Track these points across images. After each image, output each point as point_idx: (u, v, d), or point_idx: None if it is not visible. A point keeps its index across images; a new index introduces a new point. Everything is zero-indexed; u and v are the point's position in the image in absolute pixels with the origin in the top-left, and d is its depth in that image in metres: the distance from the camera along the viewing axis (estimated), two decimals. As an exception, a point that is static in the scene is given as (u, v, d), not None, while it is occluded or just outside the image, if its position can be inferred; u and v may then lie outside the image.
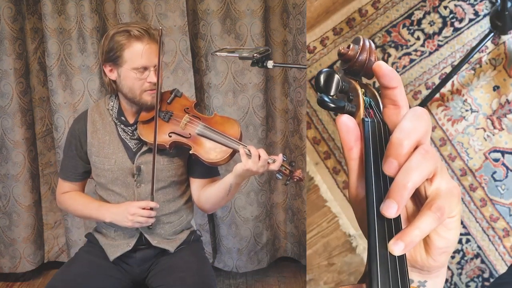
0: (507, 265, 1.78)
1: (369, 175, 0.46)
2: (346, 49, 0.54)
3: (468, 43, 1.77)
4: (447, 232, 0.45)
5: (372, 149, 0.47)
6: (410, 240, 0.41)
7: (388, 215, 0.41)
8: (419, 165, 0.42)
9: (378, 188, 0.45)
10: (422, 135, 0.43)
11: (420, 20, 1.78)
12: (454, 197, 0.44)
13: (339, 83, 0.52)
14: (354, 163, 0.49)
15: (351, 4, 1.80)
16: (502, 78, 1.75)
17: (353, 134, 0.48)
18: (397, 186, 0.41)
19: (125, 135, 1.59)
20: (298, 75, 2.40)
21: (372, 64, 0.52)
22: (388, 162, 0.42)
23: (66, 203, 1.67)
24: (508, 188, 1.77)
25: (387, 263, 0.43)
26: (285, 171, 1.47)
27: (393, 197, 0.41)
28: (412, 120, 0.43)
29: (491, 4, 1.75)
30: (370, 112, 0.51)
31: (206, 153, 1.51)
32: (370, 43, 0.54)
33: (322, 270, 1.88)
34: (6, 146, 2.40)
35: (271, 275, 2.64)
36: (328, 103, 0.50)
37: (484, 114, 1.76)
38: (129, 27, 1.49)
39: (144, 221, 1.52)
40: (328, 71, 0.52)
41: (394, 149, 0.42)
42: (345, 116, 0.49)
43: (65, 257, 2.62)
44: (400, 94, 0.48)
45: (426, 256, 0.48)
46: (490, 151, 1.77)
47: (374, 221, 0.44)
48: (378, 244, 0.44)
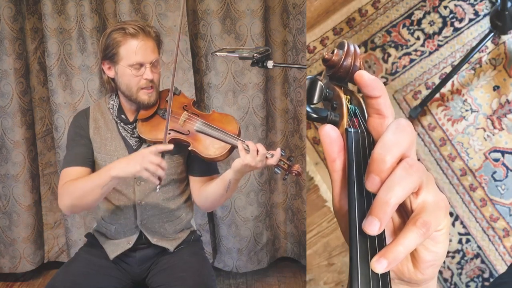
0: (507, 265, 1.78)
1: (351, 189, 0.44)
2: (330, 54, 0.52)
3: (468, 43, 1.77)
4: (435, 246, 0.44)
5: (355, 161, 0.45)
6: (394, 257, 0.40)
7: (370, 232, 0.40)
8: (402, 180, 0.40)
9: (360, 203, 0.44)
10: (405, 149, 0.42)
11: (420, 20, 1.78)
12: (441, 210, 0.42)
13: (322, 91, 0.51)
14: (337, 174, 0.47)
15: (351, 4, 1.80)
16: (502, 78, 1.75)
17: (336, 145, 0.47)
18: (380, 202, 0.40)
19: (126, 133, 1.60)
20: (298, 75, 2.40)
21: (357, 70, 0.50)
22: (370, 178, 0.41)
23: (67, 189, 1.50)
24: (508, 188, 1.77)
25: (369, 282, 0.42)
26: (283, 165, 1.47)
27: (375, 214, 0.40)
28: (395, 133, 0.42)
29: (491, 4, 1.75)
30: (355, 121, 0.50)
31: (205, 149, 1.51)
32: (355, 47, 0.52)
33: (322, 270, 1.88)
34: (6, 146, 2.40)
35: (271, 275, 2.64)
36: (310, 113, 0.49)
37: (484, 114, 1.76)
38: (125, 25, 1.50)
39: (153, 168, 1.39)
40: (311, 78, 0.51)
41: (376, 165, 0.41)
42: (328, 126, 0.47)
43: (65, 257, 2.62)
44: (384, 103, 0.46)
45: (414, 270, 0.46)
46: (490, 151, 1.77)
47: (356, 237, 0.42)
48: (359, 262, 0.42)
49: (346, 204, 0.46)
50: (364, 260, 0.42)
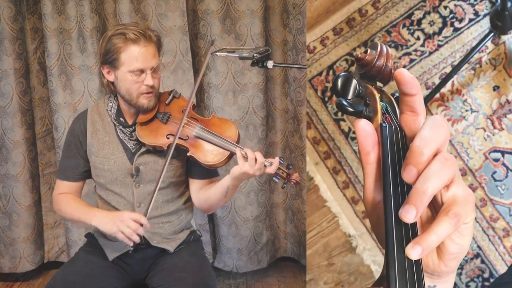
0: (507, 265, 1.78)
1: (386, 181, 0.47)
2: (364, 54, 0.54)
3: (468, 43, 1.76)
4: (461, 238, 0.46)
5: (390, 154, 0.48)
6: (427, 245, 0.42)
7: (406, 220, 0.42)
8: (439, 172, 0.43)
9: (396, 194, 0.46)
10: (441, 143, 0.44)
11: (420, 20, 1.78)
12: (469, 204, 0.45)
13: (356, 88, 0.53)
14: (371, 167, 0.49)
15: (351, 4, 1.80)
16: (502, 78, 1.75)
17: (370, 139, 0.49)
18: (417, 192, 0.42)
19: (124, 136, 1.59)
20: (298, 75, 2.40)
21: (388, 70, 0.53)
22: (408, 169, 0.43)
23: (59, 204, 1.65)
24: (508, 188, 1.77)
25: (405, 268, 0.44)
26: (282, 174, 1.47)
27: (413, 203, 0.42)
28: (432, 129, 0.44)
29: (491, 4, 1.75)
30: (387, 117, 0.52)
31: (203, 155, 1.51)
32: (387, 48, 0.54)
33: (322, 270, 1.88)
34: (6, 146, 2.40)
35: (271, 275, 2.64)
36: (347, 107, 0.51)
37: (484, 114, 1.76)
38: (126, 30, 1.48)
39: (128, 232, 1.44)
40: (345, 75, 0.53)
41: (414, 157, 0.43)
42: (363, 121, 0.49)
43: (65, 257, 2.62)
44: (419, 101, 0.49)
45: (438, 261, 0.48)
46: (490, 151, 1.77)
47: (392, 226, 0.45)
48: (396, 249, 0.44)
49: (378, 195, 0.49)
50: (400, 247, 0.44)
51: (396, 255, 0.44)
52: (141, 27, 1.52)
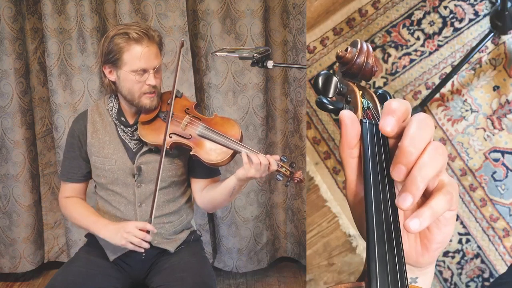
0: (507, 265, 1.78)
1: (367, 176, 0.47)
2: (344, 52, 0.54)
3: (468, 43, 1.77)
4: (446, 227, 0.48)
5: (370, 150, 0.48)
6: (424, 218, 0.42)
7: (403, 207, 0.43)
8: (433, 160, 0.43)
9: (376, 188, 0.46)
10: (429, 140, 0.45)
11: (420, 20, 1.78)
12: (455, 189, 0.46)
13: (337, 85, 0.53)
14: (354, 161, 0.50)
15: (351, 4, 1.80)
16: (502, 78, 1.75)
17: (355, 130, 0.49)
18: (413, 180, 0.43)
19: (125, 136, 1.59)
20: (298, 75, 2.40)
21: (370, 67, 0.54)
22: (397, 168, 0.44)
23: (67, 209, 1.66)
24: (508, 188, 1.77)
25: (386, 262, 0.44)
26: (285, 172, 1.48)
27: (409, 190, 0.43)
28: (420, 127, 0.45)
29: (491, 4, 1.75)
30: (368, 114, 0.52)
31: (206, 154, 1.51)
32: (368, 46, 0.54)
33: (322, 270, 1.88)
34: (6, 146, 2.40)
35: (271, 275, 2.64)
36: (327, 105, 0.51)
37: (484, 114, 1.76)
38: (129, 29, 1.48)
39: (137, 242, 1.48)
40: (326, 73, 0.53)
41: (404, 157, 0.43)
42: (348, 111, 0.49)
43: (65, 257, 2.62)
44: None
45: (422, 251, 0.49)
46: (490, 151, 1.77)
47: (372, 220, 0.45)
48: (377, 243, 0.44)
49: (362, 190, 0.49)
50: (381, 242, 0.44)
51: (377, 249, 0.44)
52: (143, 27, 1.51)
